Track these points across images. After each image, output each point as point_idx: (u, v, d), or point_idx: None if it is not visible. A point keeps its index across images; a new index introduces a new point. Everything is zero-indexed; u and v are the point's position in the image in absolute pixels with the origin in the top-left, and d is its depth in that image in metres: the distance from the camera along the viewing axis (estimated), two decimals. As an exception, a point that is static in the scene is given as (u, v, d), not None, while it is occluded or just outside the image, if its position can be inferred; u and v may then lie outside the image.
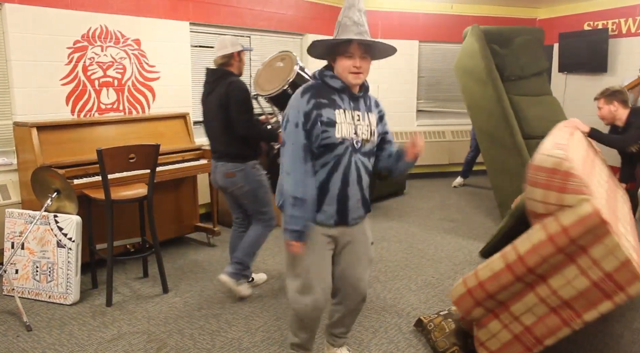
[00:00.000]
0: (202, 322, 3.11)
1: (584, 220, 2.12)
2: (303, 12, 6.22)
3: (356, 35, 2.12)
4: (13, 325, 3.05)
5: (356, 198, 2.27)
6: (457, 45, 7.46)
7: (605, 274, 2.15)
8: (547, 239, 2.20)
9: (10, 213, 3.47)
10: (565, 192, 2.19)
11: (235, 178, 3.27)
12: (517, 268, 2.28)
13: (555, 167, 2.22)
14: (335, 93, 2.21)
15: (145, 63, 4.69)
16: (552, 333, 2.30)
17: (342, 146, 2.18)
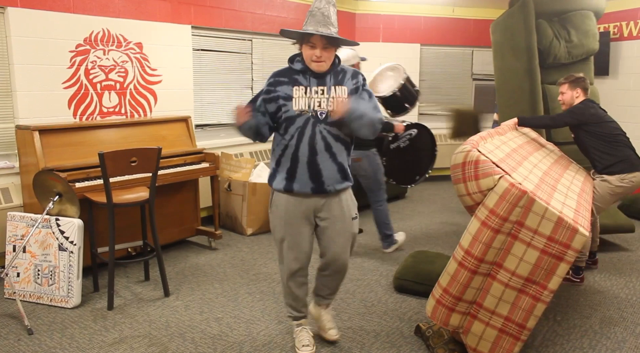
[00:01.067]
0: (204, 326, 3.11)
1: (504, 195, 2.29)
2: (304, 15, 6.20)
3: (320, 27, 2.38)
4: (14, 329, 3.05)
5: (329, 165, 2.51)
6: (458, 49, 7.48)
7: (548, 238, 2.28)
8: (481, 225, 2.35)
9: (12, 216, 3.47)
10: (479, 178, 2.39)
11: (361, 163, 4.12)
12: (468, 263, 2.37)
13: (465, 160, 2.45)
14: (298, 73, 2.52)
15: (147, 66, 4.70)
16: (529, 313, 2.38)
17: (302, 118, 2.47)
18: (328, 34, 2.39)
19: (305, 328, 2.84)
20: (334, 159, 2.52)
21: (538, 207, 2.28)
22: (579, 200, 2.80)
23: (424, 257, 3.79)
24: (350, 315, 3.27)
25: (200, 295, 3.55)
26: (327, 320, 2.91)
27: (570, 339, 2.98)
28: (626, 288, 3.71)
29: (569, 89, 3.85)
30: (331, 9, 2.43)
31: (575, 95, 3.84)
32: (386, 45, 7.16)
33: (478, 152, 2.46)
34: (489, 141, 2.83)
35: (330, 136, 2.50)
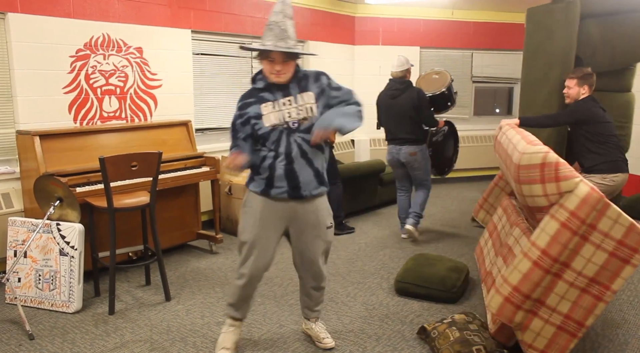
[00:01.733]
0: (205, 330, 3.10)
1: (586, 199, 2.36)
2: (303, 19, 6.24)
3: (278, 42, 2.44)
4: (15, 334, 3.05)
5: (306, 171, 2.57)
6: (458, 51, 7.49)
7: (618, 242, 2.36)
8: (561, 227, 2.39)
9: (13, 221, 3.47)
10: (560, 180, 2.43)
11: (416, 156, 4.67)
12: (544, 262, 2.42)
13: (544, 161, 2.46)
14: (262, 91, 2.58)
15: (147, 71, 4.71)
16: (590, 312, 2.43)
17: (276, 132, 2.53)
18: (286, 50, 2.45)
19: (237, 329, 2.85)
20: (310, 164, 2.58)
21: (612, 212, 2.36)
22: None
23: (425, 260, 3.79)
24: (352, 319, 3.26)
25: (202, 299, 3.54)
26: (319, 330, 2.93)
27: (572, 341, 2.97)
28: (628, 290, 3.70)
29: (577, 85, 3.79)
30: (288, 22, 2.48)
31: (582, 92, 3.80)
32: (386, 48, 7.17)
33: (553, 154, 2.49)
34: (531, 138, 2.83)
35: (305, 143, 2.55)
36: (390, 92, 4.80)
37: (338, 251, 4.59)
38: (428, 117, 4.65)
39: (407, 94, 4.69)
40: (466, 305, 3.47)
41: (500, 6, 7.18)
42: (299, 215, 2.65)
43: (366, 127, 7.45)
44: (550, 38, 4.29)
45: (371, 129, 7.25)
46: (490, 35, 7.52)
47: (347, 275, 4.01)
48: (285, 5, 2.49)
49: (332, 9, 6.63)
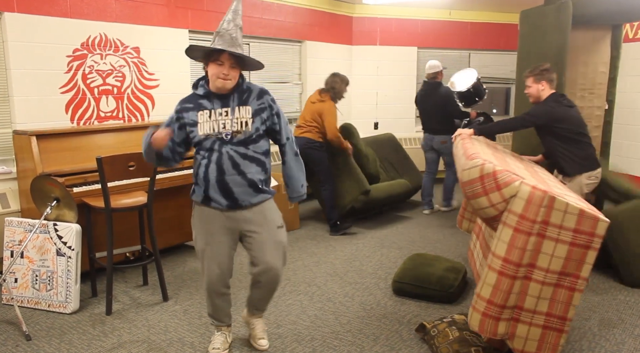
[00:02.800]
0: (203, 330, 3.10)
1: (531, 199, 2.40)
2: (301, 19, 6.24)
3: (229, 47, 2.44)
4: (12, 335, 3.04)
5: (239, 183, 2.55)
6: (455, 52, 7.50)
7: (574, 231, 2.40)
8: (514, 232, 2.43)
9: (10, 222, 3.46)
10: (502, 188, 2.48)
11: (447, 144, 5.53)
12: (508, 270, 2.44)
13: (482, 174, 2.53)
14: (202, 98, 2.58)
15: (144, 71, 4.70)
16: (568, 304, 2.46)
17: (209, 141, 2.53)
18: (238, 54, 2.47)
19: (224, 333, 2.85)
20: (243, 176, 2.55)
21: (559, 204, 2.40)
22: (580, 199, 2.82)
23: (422, 260, 3.79)
24: (350, 319, 3.27)
25: (199, 300, 3.54)
26: (259, 329, 2.91)
27: (569, 341, 2.98)
28: (625, 290, 3.71)
29: (534, 82, 3.69)
30: (238, 31, 2.49)
31: (540, 89, 3.68)
32: (383, 48, 7.18)
33: (489, 163, 2.54)
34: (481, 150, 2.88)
35: (237, 155, 2.54)
36: (423, 91, 5.78)
37: (336, 251, 4.59)
38: (454, 111, 5.62)
39: (436, 92, 5.62)
40: (463, 305, 3.48)
41: (498, 7, 7.19)
42: (244, 219, 2.63)
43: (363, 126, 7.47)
44: (544, 39, 4.32)
45: (368, 128, 7.29)
46: (488, 36, 7.54)
47: (344, 275, 4.01)
48: (237, 15, 2.51)
49: (329, 9, 6.63)
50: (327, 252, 4.56)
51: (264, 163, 2.64)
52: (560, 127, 3.61)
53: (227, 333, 2.86)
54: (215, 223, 2.63)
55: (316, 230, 5.23)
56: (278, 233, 2.70)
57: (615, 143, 5.97)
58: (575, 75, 4.64)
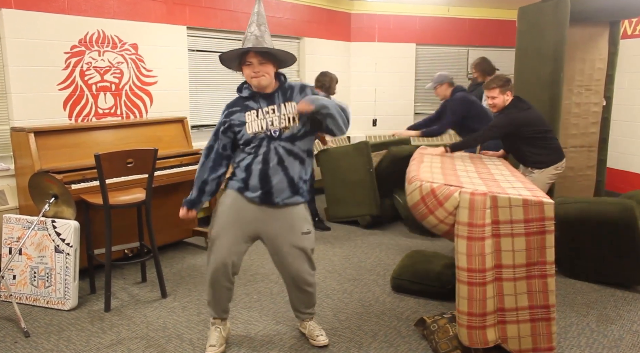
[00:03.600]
0: (201, 327, 3.10)
1: (473, 205, 2.47)
2: (300, 16, 6.23)
3: (254, 45, 2.51)
4: (11, 331, 3.04)
5: (279, 178, 2.60)
6: (454, 48, 7.49)
7: (524, 221, 2.47)
8: (468, 241, 2.49)
9: (8, 218, 3.45)
10: (443, 203, 2.55)
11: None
12: (475, 278, 2.49)
13: (422, 195, 2.62)
14: (247, 99, 2.66)
15: (142, 67, 4.69)
16: (546, 291, 2.50)
17: (257, 138, 2.60)
18: (262, 48, 2.52)
19: (218, 327, 2.85)
20: (285, 171, 2.61)
21: (502, 201, 2.47)
22: (525, 183, 2.92)
23: (421, 257, 3.80)
24: (348, 315, 3.27)
25: (198, 296, 3.54)
26: (313, 328, 2.93)
27: (567, 337, 2.99)
28: (622, 286, 3.72)
29: (500, 93, 3.76)
30: (263, 29, 2.56)
31: (506, 99, 3.79)
32: (382, 45, 7.17)
33: (427, 181, 2.64)
34: (422, 168, 2.98)
35: (284, 151, 2.61)
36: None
37: (334, 248, 4.59)
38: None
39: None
40: (462, 301, 3.48)
41: (496, 3, 7.18)
42: (270, 220, 2.66)
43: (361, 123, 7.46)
44: (541, 36, 4.32)
45: (367, 125, 7.29)
46: (486, 32, 7.53)
47: (343, 272, 4.01)
48: (259, 16, 2.58)
49: (328, 5, 6.62)
50: (325, 249, 4.56)
51: (305, 162, 2.69)
52: (526, 130, 3.74)
53: (222, 328, 2.86)
54: (239, 213, 2.66)
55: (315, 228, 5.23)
56: (302, 240, 2.71)
57: (613, 140, 5.98)
58: (573, 71, 4.64)
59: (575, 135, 4.78)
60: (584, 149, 4.83)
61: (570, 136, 4.75)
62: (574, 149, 4.79)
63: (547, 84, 4.22)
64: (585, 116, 4.77)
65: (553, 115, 4.17)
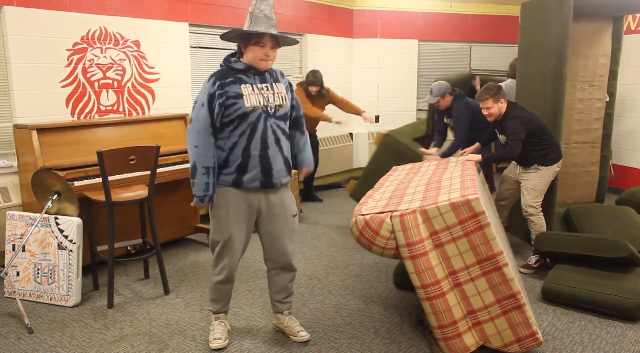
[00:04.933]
0: (204, 323, 3.11)
1: (406, 227, 2.58)
2: (302, 11, 6.22)
3: (269, 28, 2.49)
4: (14, 328, 3.05)
5: (278, 159, 2.60)
6: (456, 44, 7.48)
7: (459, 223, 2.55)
8: (412, 260, 2.58)
9: (11, 215, 3.46)
10: (378, 232, 2.65)
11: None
12: (433, 291, 2.57)
13: (359, 230, 2.70)
14: (240, 72, 2.57)
15: (144, 64, 4.69)
16: (506, 281, 2.55)
17: (254, 113, 2.52)
18: (279, 34, 2.53)
19: (223, 321, 2.88)
20: (282, 152, 2.63)
21: (432, 211, 2.58)
22: (463, 180, 2.99)
23: None
24: (351, 312, 3.27)
25: (200, 293, 3.55)
26: (293, 324, 2.92)
27: (569, 333, 2.99)
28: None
29: (494, 102, 3.80)
30: (272, 10, 2.54)
31: (501, 107, 3.83)
32: (384, 41, 7.16)
33: (360, 215, 2.74)
34: (370, 200, 3.06)
35: (279, 130, 2.61)
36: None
37: (337, 244, 4.59)
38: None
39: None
40: (464, 297, 3.48)
41: (499, -1, 7.16)
42: (267, 205, 2.67)
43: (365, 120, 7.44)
44: (544, 31, 4.29)
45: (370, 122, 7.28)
46: (489, 28, 7.51)
47: (345, 268, 4.02)
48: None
49: (330, 1, 6.60)
50: (328, 245, 4.56)
51: (289, 141, 2.73)
52: (533, 130, 3.79)
53: (226, 322, 2.89)
54: (240, 209, 2.63)
55: (317, 224, 5.23)
56: (293, 222, 2.78)
57: (616, 135, 5.97)
58: (576, 67, 4.63)
59: (579, 131, 4.77)
60: (587, 145, 4.81)
61: (573, 132, 4.73)
62: (577, 145, 4.78)
63: (550, 80, 4.21)
64: (588, 112, 4.75)
65: (556, 112, 4.15)
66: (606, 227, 4.01)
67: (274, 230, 2.72)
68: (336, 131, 6.86)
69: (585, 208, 4.44)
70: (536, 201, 3.90)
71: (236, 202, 2.62)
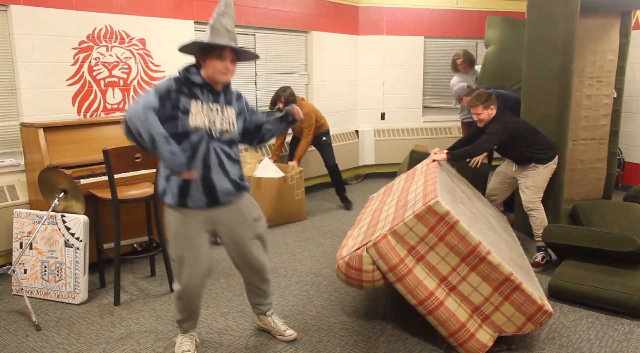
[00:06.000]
0: (210, 321, 3.12)
1: (383, 253, 2.66)
2: (307, 9, 6.21)
3: (229, 41, 2.42)
4: (22, 325, 3.07)
5: (223, 181, 2.49)
6: (462, 41, 7.44)
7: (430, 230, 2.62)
8: (399, 282, 2.65)
9: (19, 213, 3.48)
10: (362, 268, 2.72)
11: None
12: (430, 304, 2.62)
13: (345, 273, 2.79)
14: (196, 87, 2.46)
15: (150, 62, 4.70)
16: (494, 268, 2.60)
17: (197, 134, 2.42)
18: (240, 48, 2.46)
19: (192, 335, 2.77)
20: (227, 175, 2.50)
21: (402, 229, 2.66)
22: (425, 187, 3.03)
23: None
24: (356, 309, 3.27)
25: (206, 290, 3.56)
26: (278, 324, 2.90)
27: (577, 331, 2.97)
28: (633, 280, 3.69)
29: (484, 108, 3.88)
30: (233, 24, 2.46)
31: (491, 113, 3.90)
32: (390, 38, 7.13)
33: (341, 259, 2.82)
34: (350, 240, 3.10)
35: (223, 154, 2.49)
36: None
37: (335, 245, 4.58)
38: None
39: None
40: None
41: (505, -5, 7.11)
42: (221, 217, 2.56)
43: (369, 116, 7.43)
44: (552, 27, 4.25)
45: (375, 119, 7.27)
46: (495, 24, 7.46)
47: (351, 266, 4.01)
48: (229, 7, 2.45)
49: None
50: (333, 243, 4.56)
51: (240, 164, 2.62)
52: (519, 134, 3.87)
53: (195, 335, 2.80)
54: (193, 226, 2.51)
55: (323, 221, 5.23)
56: (256, 227, 2.67)
57: (624, 132, 5.93)
58: (584, 63, 4.59)
59: (586, 128, 4.73)
60: (595, 142, 4.77)
61: (580, 128, 4.70)
62: (584, 142, 4.74)
63: (557, 76, 4.18)
64: (595, 108, 4.71)
65: (563, 108, 4.12)
66: (614, 224, 3.98)
67: (237, 239, 2.63)
68: (342, 128, 6.85)
69: (592, 205, 4.41)
70: (536, 197, 3.95)
71: (184, 222, 2.51)
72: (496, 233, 3.31)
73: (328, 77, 6.60)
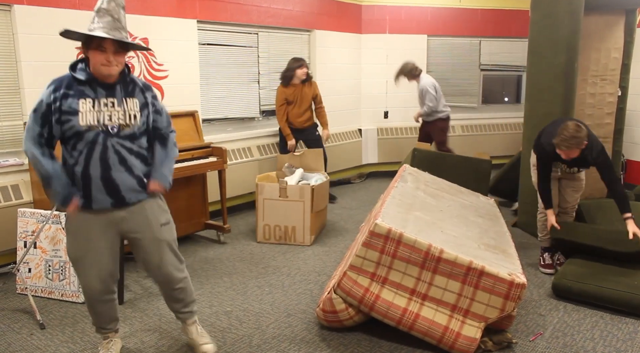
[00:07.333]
0: (213, 319, 3.12)
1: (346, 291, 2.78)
2: (310, 8, 6.20)
3: (112, 31, 2.21)
4: (27, 323, 3.08)
5: (126, 179, 2.35)
6: (466, 39, 7.42)
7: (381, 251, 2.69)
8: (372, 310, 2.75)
9: (23, 212, 3.50)
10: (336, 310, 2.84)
11: None
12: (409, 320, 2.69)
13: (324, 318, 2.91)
14: (83, 84, 2.29)
15: (153, 62, 4.71)
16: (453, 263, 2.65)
17: (91, 133, 2.27)
18: (120, 39, 2.23)
19: (112, 340, 2.68)
20: (130, 172, 2.36)
21: (356, 261, 2.74)
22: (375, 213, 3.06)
23: None
24: (359, 308, 3.27)
25: (210, 289, 3.56)
26: (197, 335, 2.72)
27: (580, 330, 2.97)
28: (637, 279, 3.67)
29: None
30: (121, 11, 2.26)
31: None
32: (393, 36, 7.12)
33: (318, 307, 2.95)
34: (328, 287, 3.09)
35: (124, 150, 2.33)
36: None
37: (346, 240, 4.59)
38: None
39: None
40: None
41: (509, -7, 7.10)
42: (126, 221, 2.42)
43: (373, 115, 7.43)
44: (555, 25, 4.24)
45: (379, 117, 7.26)
46: (498, 23, 7.45)
47: (354, 265, 4.01)
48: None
49: (338, -3, 6.59)
50: (337, 241, 4.56)
51: (147, 159, 2.48)
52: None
53: (115, 340, 2.70)
54: (94, 228, 2.38)
55: (326, 220, 5.23)
56: (162, 232, 2.51)
57: (628, 130, 5.90)
58: (588, 61, 4.57)
59: (590, 126, 4.67)
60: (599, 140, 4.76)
61: (584, 127, 4.68)
62: (589, 140, 4.72)
63: (561, 75, 4.17)
64: (600, 107, 4.70)
65: (567, 106, 4.11)
66: (618, 223, 3.96)
67: (143, 244, 2.48)
68: (345, 127, 6.85)
69: (596, 204, 4.40)
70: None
71: (87, 223, 2.38)
72: (466, 223, 3.34)
73: (331, 75, 6.60)
